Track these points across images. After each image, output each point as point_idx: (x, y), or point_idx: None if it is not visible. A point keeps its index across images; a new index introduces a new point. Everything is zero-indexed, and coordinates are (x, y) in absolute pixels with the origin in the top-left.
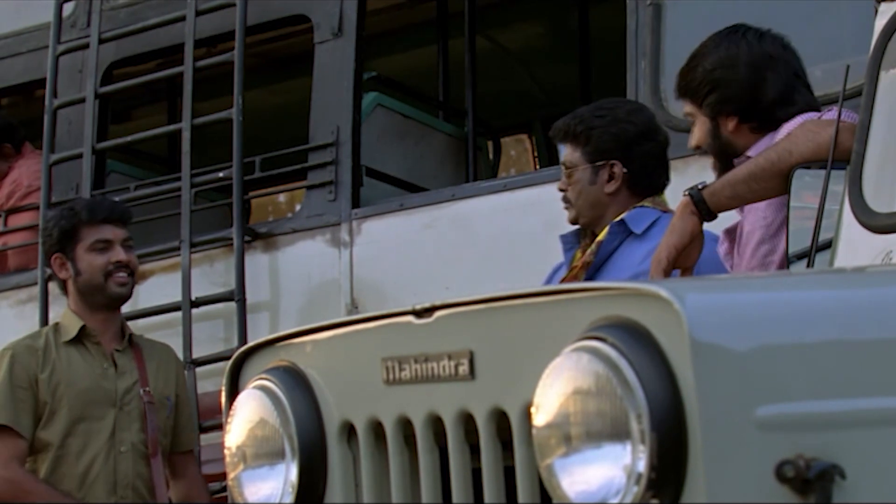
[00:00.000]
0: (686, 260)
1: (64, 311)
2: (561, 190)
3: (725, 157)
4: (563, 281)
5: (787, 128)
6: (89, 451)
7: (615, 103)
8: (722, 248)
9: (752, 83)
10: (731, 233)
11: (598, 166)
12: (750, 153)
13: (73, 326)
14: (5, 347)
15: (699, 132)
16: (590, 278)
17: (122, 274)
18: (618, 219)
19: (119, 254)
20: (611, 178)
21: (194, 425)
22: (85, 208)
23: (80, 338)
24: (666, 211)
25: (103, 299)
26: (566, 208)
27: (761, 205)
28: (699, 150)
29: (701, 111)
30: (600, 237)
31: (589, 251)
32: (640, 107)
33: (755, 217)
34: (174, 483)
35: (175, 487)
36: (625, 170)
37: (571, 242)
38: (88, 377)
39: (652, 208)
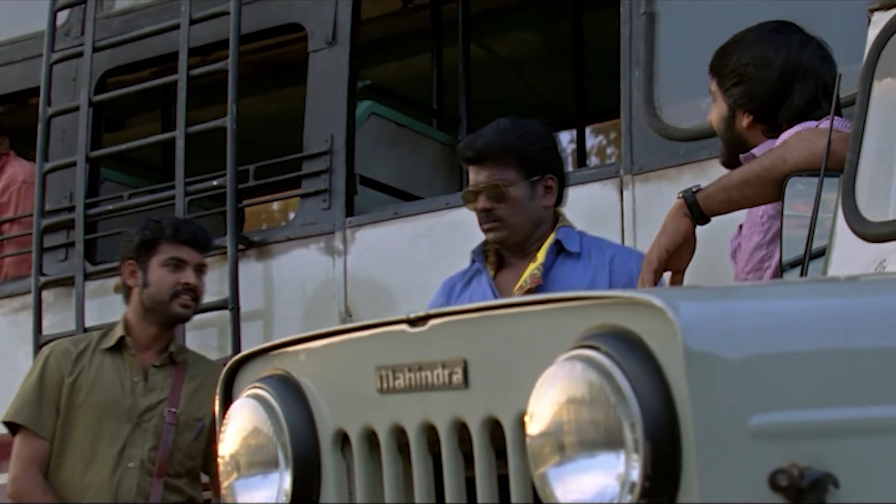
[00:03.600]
0: (677, 262)
1: (121, 318)
2: (485, 210)
3: (733, 147)
4: None
5: (784, 135)
6: (96, 463)
7: (519, 122)
8: (733, 244)
9: (778, 90)
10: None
11: (535, 181)
12: (756, 151)
13: (115, 335)
14: (47, 345)
15: (716, 115)
16: None
17: (187, 297)
18: (552, 241)
19: (189, 276)
20: (547, 191)
21: None
22: (170, 225)
23: (119, 348)
24: (573, 228)
25: (163, 317)
26: (491, 228)
27: (759, 209)
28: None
29: (723, 97)
30: (541, 259)
31: (535, 273)
32: (544, 123)
33: (753, 221)
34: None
35: None
36: (558, 182)
37: (482, 259)
38: (111, 389)
39: (571, 227)
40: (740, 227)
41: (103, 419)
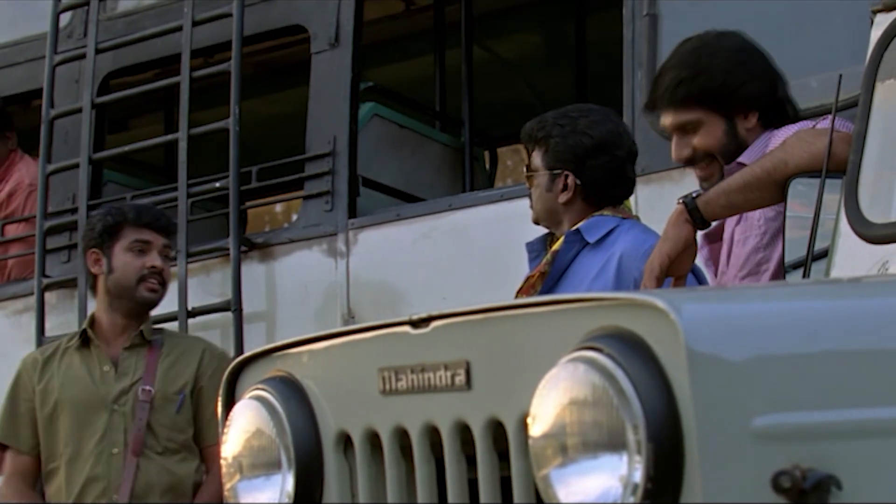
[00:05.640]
0: (679, 268)
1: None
2: (528, 189)
3: (734, 157)
4: (519, 291)
5: (780, 136)
6: (81, 458)
7: (581, 112)
8: (702, 253)
9: (770, 75)
10: (711, 236)
11: (555, 174)
12: (742, 159)
13: (80, 331)
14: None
15: (710, 137)
16: (548, 289)
17: (153, 280)
18: (573, 228)
19: (155, 259)
20: (564, 188)
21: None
22: (133, 209)
23: (87, 342)
24: (627, 217)
25: (130, 302)
26: (531, 207)
27: (756, 212)
28: (687, 163)
29: (717, 113)
30: (556, 247)
31: (544, 261)
32: (603, 118)
33: (748, 225)
34: (204, 478)
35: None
36: (577, 181)
37: (538, 250)
38: (81, 383)
39: (611, 216)
40: (704, 235)
41: (80, 414)
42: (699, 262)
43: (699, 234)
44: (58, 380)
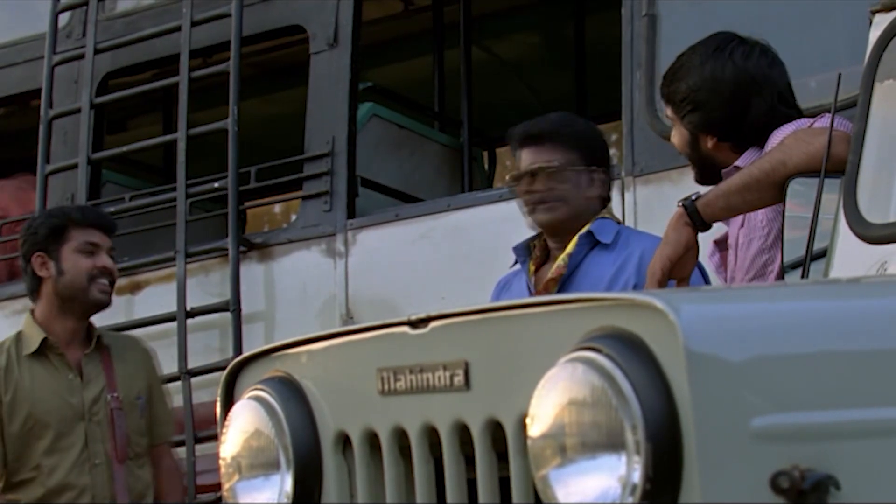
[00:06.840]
0: (681, 271)
1: (26, 320)
2: (548, 189)
3: (703, 166)
4: (536, 292)
5: (779, 136)
6: (62, 469)
7: (574, 117)
8: (713, 260)
9: (735, 109)
10: (721, 244)
11: (591, 170)
12: (739, 163)
13: (35, 338)
14: None
15: (679, 140)
16: (558, 290)
17: (104, 281)
18: (584, 230)
19: (104, 260)
20: (592, 182)
21: (169, 416)
22: (76, 210)
23: (43, 350)
24: (620, 223)
25: (82, 304)
26: (552, 208)
27: (759, 214)
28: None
29: (681, 123)
30: (569, 249)
31: (559, 264)
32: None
33: (752, 227)
34: (154, 477)
35: (155, 482)
36: (605, 178)
37: (523, 255)
38: (54, 393)
39: (611, 220)
40: (715, 242)
41: (57, 427)
42: (710, 269)
43: (710, 241)
44: (25, 391)
